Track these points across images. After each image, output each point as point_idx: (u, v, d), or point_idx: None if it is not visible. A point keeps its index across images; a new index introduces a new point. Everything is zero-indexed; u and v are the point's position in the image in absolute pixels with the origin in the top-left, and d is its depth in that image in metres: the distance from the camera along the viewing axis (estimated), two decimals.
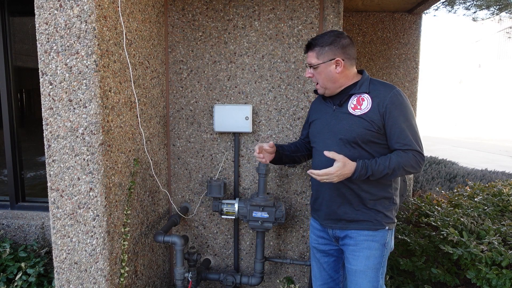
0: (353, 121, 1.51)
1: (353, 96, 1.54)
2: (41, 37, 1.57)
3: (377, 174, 1.45)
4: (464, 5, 5.57)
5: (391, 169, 1.44)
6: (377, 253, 1.54)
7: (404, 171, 1.46)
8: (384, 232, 1.55)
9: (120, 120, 1.76)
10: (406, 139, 1.46)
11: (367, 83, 1.54)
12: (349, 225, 1.56)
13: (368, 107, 1.49)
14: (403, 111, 1.47)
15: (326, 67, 1.53)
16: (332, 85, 1.57)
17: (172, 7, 2.28)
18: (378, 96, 1.49)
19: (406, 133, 1.46)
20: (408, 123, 1.47)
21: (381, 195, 1.54)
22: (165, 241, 2.01)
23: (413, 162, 1.45)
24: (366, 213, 1.54)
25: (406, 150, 1.45)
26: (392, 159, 1.45)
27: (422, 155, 1.47)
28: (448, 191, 4.20)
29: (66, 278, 1.72)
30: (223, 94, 2.31)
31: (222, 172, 2.37)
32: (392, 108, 1.46)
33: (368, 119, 1.48)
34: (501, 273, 1.92)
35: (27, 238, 2.52)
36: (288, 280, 2.37)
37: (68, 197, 1.65)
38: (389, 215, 1.56)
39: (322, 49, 1.53)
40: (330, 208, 1.60)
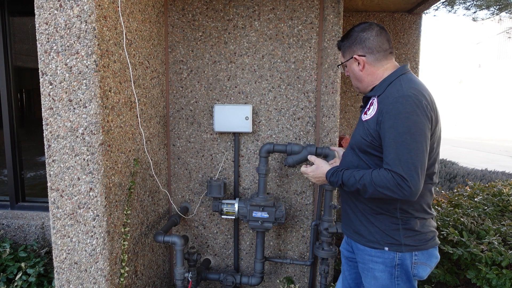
0: (360, 128, 1.39)
1: (370, 100, 1.39)
2: (41, 37, 1.57)
3: (348, 186, 1.34)
4: (464, 5, 5.57)
5: (362, 184, 1.27)
6: (384, 276, 1.36)
7: (379, 192, 1.24)
8: (389, 254, 1.34)
9: (120, 120, 1.76)
10: (388, 157, 1.22)
11: (385, 85, 1.33)
12: (354, 235, 1.45)
13: (372, 113, 1.32)
14: (397, 122, 1.21)
15: (350, 66, 1.43)
16: (360, 84, 1.44)
17: (172, 7, 2.28)
18: (383, 100, 1.29)
19: (390, 149, 1.22)
20: (399, 139, 1.20)
21: (379, 211, 1.36)
22: (165, 241, 2.01)
23: (391, 185, 1.20)
24: (366, 227, 1.39)
25: (386, 169, 1.22)
26: (366, 175, 1.27)
27: (405, 180, 1.18)
28: (448, 191, 4.20)
29: (66, 278, 1.72)
30: (223, 94, 2.31)
31: (222, 172, 2.37)
32: (387, 117, 1.24)
33: (367, 126, 1.33)
34: (501, 273, 1.92)
35: (27, 238, 2.52)
36: (288, 280, 2.37)
37: (68, 197, 1.65)
38: (393, 235, 1.33)
39: (344, 48, 1.45)
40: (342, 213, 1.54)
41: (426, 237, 1.34)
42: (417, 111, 1.21)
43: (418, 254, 1.33)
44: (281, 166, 2.32)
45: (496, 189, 3.03)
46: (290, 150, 2.09)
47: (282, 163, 2.31)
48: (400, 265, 1.34)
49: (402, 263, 1.34)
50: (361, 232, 1.41)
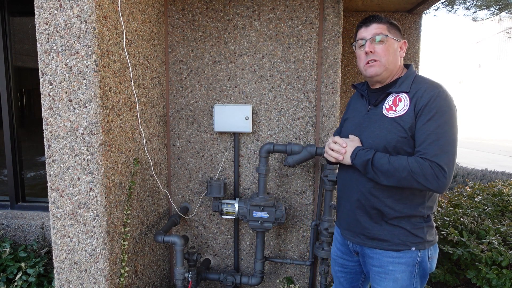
0: (385, 125, 1.31)
1: (390, 96, 1.34)
2: (41, 37, 1.57)
3: (377, 165, 1.26)
4: (464, 5, 5.57)
5: (395, 167, 1.22)
6: (406, 276, 1.34)
7: (412, 179, 1.21)
8: (412, 253, 1.33)
9: (120, 120, 1.76)
10: (429, 147, 1.20)
11: (409, 81, 1.32)
12: (369, 242, 1.38)
13: (405, 109, 1.27)
14: (440, 116, 1.22)
15: (394, 44, 1.35)
16: (392, 67, 1.35)
17: (172, 7, 2.28)
18: (417, 95, 1.26)
19: (432, 140, 1.20)
20: (441, 130, 1.21)
21: (408, 213, 1.31)
22: (165, 241, 2.01)
23: (428, 174, 1.19)
24: (388, 230, 1.33)
25: (424, 159, 1.20)
26: (401, 159, 1.24)
27: (443, 171, 1.18)
28: (448, 191, 4.20)
29: (66, 278, 1.72)
30: (223, 94, 2.31)
31: (222, 172, 2.37)
32: (428, 109, 1.23)
33: (403, 123, 1.26)
34: (501, 273, 1.92)
35: (27, 238, 2.52)
36: (288, 280, 2.37)
37: (68, 197, 1.65)
38: (418, 234, 1.32)
39: (391, 26, 1.36)
40: (350, 218, 1.43)
41: (435, 231, 1.39)
42: (453, 106, 1.25)
43: (431, 248, 1.36)
44: (281, 166, 2.32)
45: (496, 189, 3.03)
46: (290, 150, 2.09)
47: (282, 163, 2.31)
48: (420, 262, 1.34)
49: (422, 260, 1.35)
50: (382, 237, 1.35)
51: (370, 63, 1.35)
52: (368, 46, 1.34)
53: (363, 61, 1.37)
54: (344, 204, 1.46)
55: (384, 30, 1.34)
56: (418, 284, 1.37)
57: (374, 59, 1.34)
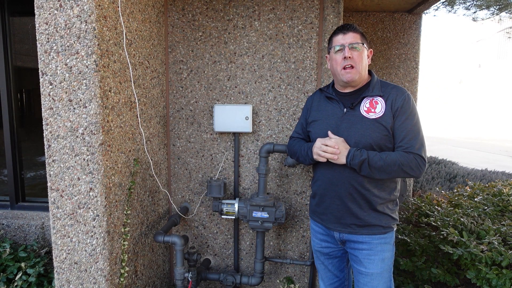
0: (367, 126, 1.48)
1: (366, 99, 1.52)
2: (41, 37, 1.57)
3: (372, 163, 1.44)
4: (464, 5, 5.57)
5: (387, 163, 1.43)
6: (390, 254, 1.57)
7: (401, 171, 1.44)
8: (392, 233, 1.58)
9: (120, 120, 1.76)
10: (410, 142, 1.44)
11: (379, 86, 1.53)
12: (360, 230, 1.55)
13: (383, 111, 1.48)
14: (412, 115, 1.47)
15: (365, 53, 1.53)
16: (364, 73, 1.54)
17: (172, 7, 2.28)
18: (390, 98, 1.49)
19: (411, 136, 1.45)
20: (416, 128, 1.47)
21: (388, 198, 1.54)
22: (165, 241, 2.01)
23: (413, 164, 1.43)
24: (376, 217, 1.53)
25: (408, 152, 1.44)
26: (390, 154, 1.44)
27: (424, 160, 1.45)
28: (448, 191, 4.20)
29: (66, 278, 1.72)
30: (223, 94, 2.31)
31: (222, 172, 2.37)
32: (402, 111, 1.46)
33: (384, 123, 1.47)
34: (501, 273, 1.92)
35: (27, 238, 2.52)
36: (288, 280, 2.37)
37: (68, 197, 1.65)
38: (394, 216, 1.58)
39: (363, 36, 1.53)
40: (339, 213, 1.57)
41: None
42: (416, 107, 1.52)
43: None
44: (281, 166, 2.32)
45: (496, 189, 3.03)
46: None
47: (282, 163, 2.31)
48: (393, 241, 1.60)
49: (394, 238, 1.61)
50: (372, 223, 1.53)
51: (347, 69, 1.50)
52: (348, 51, 1.48)
53: (340, 65, 1.51)
54: (332, 200, 1.58)
55: (359, 39, 1.51)
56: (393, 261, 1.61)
57: (351, 65, 1.49)
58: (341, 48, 1.50)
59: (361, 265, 1.56)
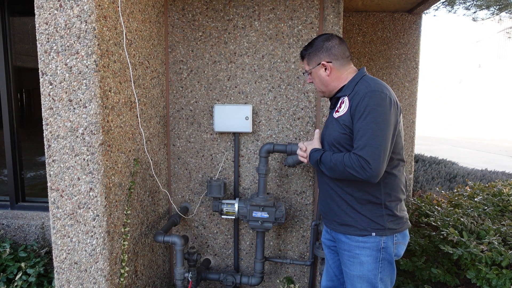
0: (333, 125, 1.52)
1: (340, 99, 1.54)
2: (41, 37, 1.57)
3: (324, 163, 1.49)
4: (464, 5, 5.57)
5: (333, 163, 1.43)
6: (371, 259, 1.50)
7: (347, 172, 1.39)
8: (375, 239, 1.48)
9: (120, 120, 1.76)
10: (357, 142, 1.37)
11: (353, 85, 1.49)
12: (339, 228, 1.56)
13: (345, 110, 1.46)
14: (365, 114, 1.37)
15: (317, 72, 1.58)
16: (326, 88, 1.60)
17: (172, 7, 2.28)
18: (353, 97, 1.44)
19: (360, 135, 1.37)
20: (367, 127, 1.36)
21: (366, 199, 1.48)
22: (165, 241, 2.01)
23: (357, 166, 1.35)
24: (353, 217, 1.50)
25: (354, 153, 1.38)
26: (339, 156, 1.42)
27: (368, 163, 1.33)
28: (448, 191, 4.20)
29: (66, 278, 1.72)
30: (223, 94, 2.31)
31: (222, 172, 2.37)
32: (357, 109, 1.39)
33: (342, 121, 1.45)
34: (501, 273, 1.92)
35: (27, 238, 2.52)
36: (288, 280, 2.37)
37: (68, 197, 1.65)
38: (378, 221, 1.47)
39: (309, 56, 1.59)
40: (324, 207, 1.64)
41: (403, 220, 1.53)
42: (382, 104, 1.37)
43: (398, 235, 1.53)
44: (281, 166, 2.32)
45: (496, 189, 3.03)
46: (290, 150, 2.09)
47: (282, 163, 2.31)
48: (384, 248, 1.50)
49: (386, 245, 1.50)
50: (348, 223, 1.52)
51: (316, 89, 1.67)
52: (308, 78, 1.65)
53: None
54: (319, 195, 1.68)
55: (305, 65, 1.62)
56: (384, 269, 1.52)
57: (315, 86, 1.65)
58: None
59: (344, 266, 1.59)
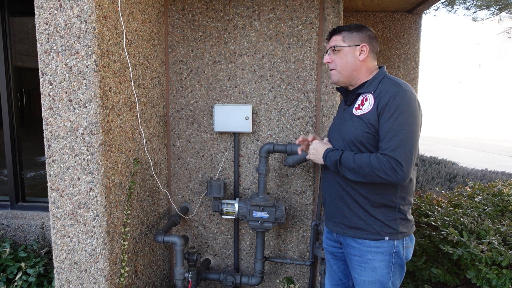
0: (353, 122, 1.44)
1: (360, 96, 1.47)
2: (41, 37, 1.57)
3: (344, 164, 1.39)
4: (464, 5, 5.57)
5: (358, 164, 1.35)
6: (384, 264, 1.45)
7: (374, 174, 1.33)
8: (388, 243, 1.44)
9: (120, 120, 1.76)
10: (388, 143, 1.32)
11: (376, 82, 1.44)
12: (348, 231, 1.49)
13: (369, 108, 1.40)
14: (398, 114, 1.32)
15: (350, 52, 1.46)
16: (346, 73, 1.48)
17: (172, 7, 2.28)
18: (380, 95, 1.38)
19: (391, 136, 1.32)
20: (398, 128, 1.32)
21: (381, 203, 1.43)
22: (165, 241, 2.01)
23: (387, 169, 1.30)
24: (365, 221, 1.44)
25: (384, 155, 1.31)
26: (364, 156, 1.35)
27: (401, 165, 1.29)
28: (448, 191, 4.20)
29: (66, 278, 1.72)
30: (223, 94, 2.31)
31: (222, 172, 2.37)
32: (387, 108, 1.34)
33: (367, 120, 1.39)
34: (501, 273, 1.92)
35: (27, 238, 2.52)
36: (288, 280, 2.37)
37: (68, 197, 1.65)
38: (392, 225, 1.43)
39: (349, 33, 1.47)
40: (331, 209, 1.56)
41: (411, 224, 1.51)
42: (412, 105, 1.35)
43: (407, 238, 1.49)
44: (281, 166, 2.32)
45: (496, 189, 3.03)
46: (290, 150, 2.09)
47: (282, 163, 2.31)
48: (397, 252, 1.46)
49: (398, 249, 1.46)
50: (359, 226, 1.46)
51: (330, 71, 1.54)
52: (326, 57, 1.53)
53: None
54: (325, 196, 1.59)
55: (339, 41, 1.48)
56: (396, 273, 1.48)
57: (332, 68, 1.52)
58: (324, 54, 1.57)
59: (354, 271, 1.53)
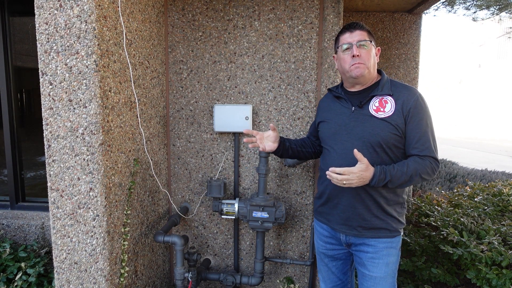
0: (376, 124, 1.45)
1: (375, 98, 1.49)
2: (41, 37, 1.57)
3: (395, 180, 1.41)
4: (464, 5, 5.57)
5: (409, 175, 1.41)
6: (395, 259, 1.53)
7: (420, 178, 1.42)
8: (399, 238, 1.54)
9: (120, 120, 1.76)
10: (425, 144, 1.42)
11: (388, 85, 1.50)
12: (366, 232, 1.52)
13: (392, 110, 1.44)
14: (425, 116, 1.44)
15: (373, 50, 1.51)
16: (373, 70, 1.52)
17: (172, 7, 2.28)
18: (401, 98, 1.45)
19: (426, 138, 1.43)
20: (429, 129, 1.44)
21: (396, 201, 1.51)
22: (165, 241, 2.01)
23: (429, 169, 1.42)
24: (384, 220, 1.50)
25: (423, 156, 1.42)
26: (409, 166, 1.41)
27: (438, 162, 1.44)
28: (448, 191, 4.20)
29: (66, 278, 1.72)
30: (223, 94, 2.31)
31: (222, 172, 2.37)
32: (415, 111, 1.43)
33: (394, 122, 1.43)
34: (501, 273, 1.92)
35: (27, 238, 2.52)
36: (288, 280, 2.37)
37: (68, 197, 1.65)
38: (402, 220, 1.54)
39: (370, 34, 1.51)
40: (346, 213, 1.54)
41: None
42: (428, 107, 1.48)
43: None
44: (281, 166, 2.32)
45: (496, 189, 3.03)
46: None
47: (282, 163, 2.31)
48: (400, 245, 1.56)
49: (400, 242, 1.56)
50: (378, 226, 1.51)
51: (356, 64, 1.47)
52: (356, 50, 1.46)
53: (349, 63, 1.49)
54: (339, 201, 1.56)
55: (366, 36, 1.49)
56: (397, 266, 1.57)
57: (360, 62, 1.47)
58: (349, 46, 1.48)
59: (364, 268, 1.54)
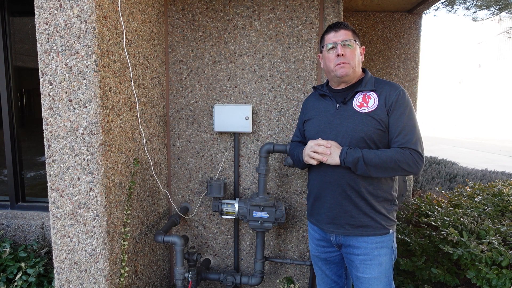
0: (360, 120, 1.46)
1: (359, 94, 1.51)
2: (41, 37, 1.57)
3: (367, 160, 1.40)
4: (464, 5, 5.57)
5: (383, 160, 1.39)
6: (388, 258, 1.52)
7: (398, 168, 1.41)
8: (390, 236, 1.52)
9: (120, 120, 1.76)
10: (406, 137, 1.42)
11: (372, 81, 1.52)
12: (354, 230, 1.50)
13: (376, 105, 1.46)
14: (407, 110, 1.45)
15: (357, 49, 1.53)
16: (358, 69, 1.53)
17: (172, 7, 2.28)
18: (383, 93, 1.47)
19: (407, 131, 1.42)
20: (412, 123, 1.44)
21: (384, 197, 1.50)
22: (165, 241, 2.01)
23: (410, 161, 1.40)
24: (372, 217, 1.49)
25: (404, 148, 1.41)
26: (387, 152, 1.41)
27: (421, 156, 1.42)
28: (448, 191, 4.20)
29: (66, 278, 1.72)
30: (223, 94, 2.31)
31: (222, 172, 2.37)
32: (397, 105, 1.44)
33: (377, 117, 1.45)
34: (501, 273, 1.92)
35: (27, 238, 2.52)
36: (288, 280, 2.37)
37: (68, 197, 1.65)
38: (391, 217, 1.53)
39: (354, 33, 1.53)
40: (333, 211, 1.54)
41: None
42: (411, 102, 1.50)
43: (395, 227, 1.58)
44: (281, 166, 2.32)
45: (496, 189, 3.03)
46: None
47: (282, 163, 2.31)
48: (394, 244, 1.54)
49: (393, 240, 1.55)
50: (365, 224, 1.49)
51: (340, 64, 1.50)
52: (340, 49, 1.48)
53: (334, 62, 1.51)
54: (325, 200, 1.56)
55: (351, 36, 1.51)
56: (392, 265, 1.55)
57: (344, 62, 1.49)
58: (334, 46, 1.51)
59: (358, 271, 1.53)
